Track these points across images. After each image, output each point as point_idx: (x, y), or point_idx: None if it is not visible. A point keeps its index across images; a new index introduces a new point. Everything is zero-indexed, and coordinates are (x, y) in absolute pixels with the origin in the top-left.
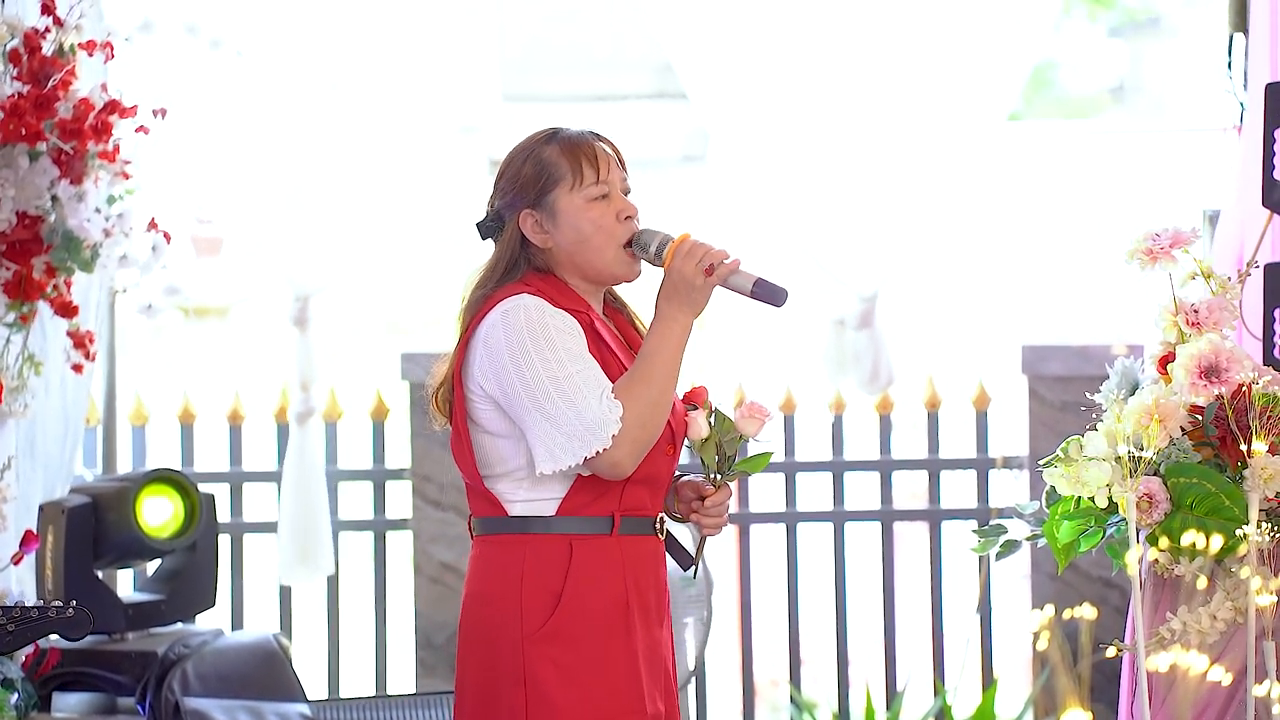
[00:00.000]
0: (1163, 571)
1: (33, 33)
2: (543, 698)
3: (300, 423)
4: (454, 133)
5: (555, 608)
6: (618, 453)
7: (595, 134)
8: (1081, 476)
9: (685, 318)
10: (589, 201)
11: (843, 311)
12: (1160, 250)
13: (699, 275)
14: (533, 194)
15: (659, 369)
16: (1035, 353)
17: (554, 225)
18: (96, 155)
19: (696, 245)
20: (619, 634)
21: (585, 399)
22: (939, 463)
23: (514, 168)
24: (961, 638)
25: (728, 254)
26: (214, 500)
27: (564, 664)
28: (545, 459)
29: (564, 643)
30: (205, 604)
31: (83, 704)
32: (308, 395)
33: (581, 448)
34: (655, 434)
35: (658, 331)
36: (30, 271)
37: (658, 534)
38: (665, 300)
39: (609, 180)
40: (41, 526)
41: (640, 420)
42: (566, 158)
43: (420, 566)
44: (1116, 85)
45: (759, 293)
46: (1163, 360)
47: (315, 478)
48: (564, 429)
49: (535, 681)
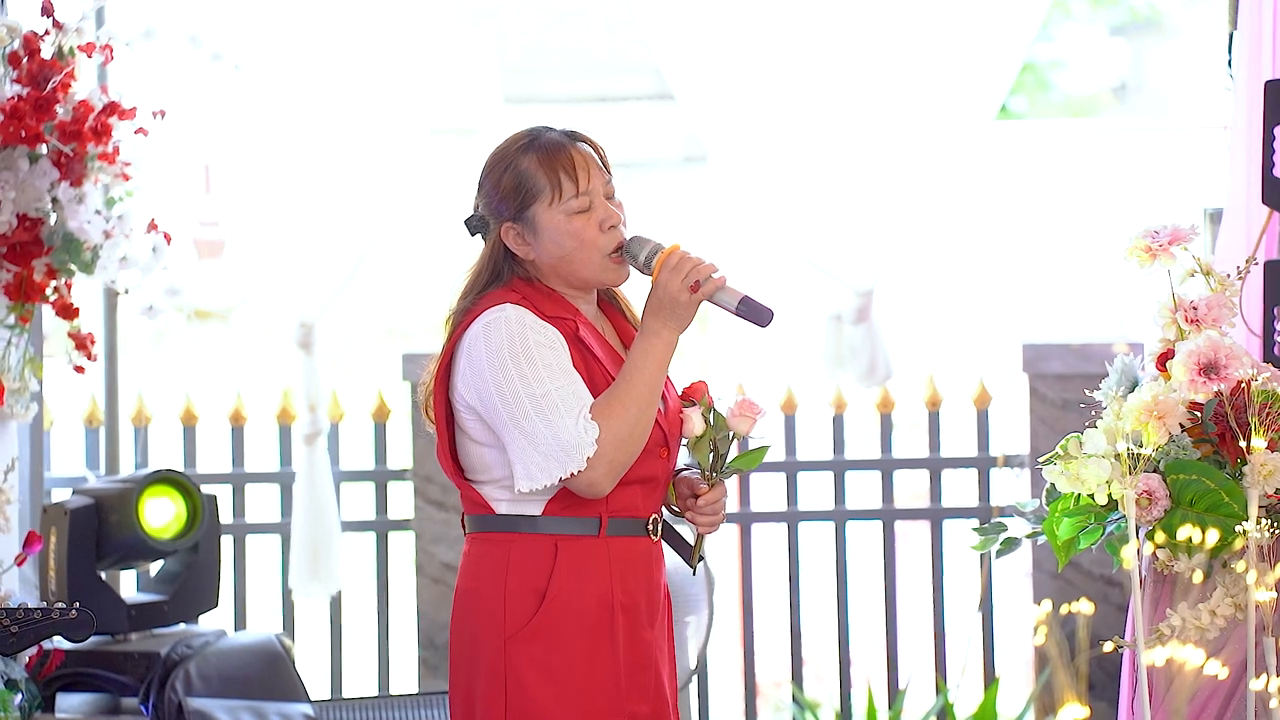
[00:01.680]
0: (1162, 568)
1: (32, 35)
2: (523, 697)
3: (309, 443)
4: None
5: (538, 607)
6: (593, 474)
7: (574, 135)
8: (1081, 474)
9: (669, 333)
10: (570, 215)
11: (839, 307)
12: (1159, 247)
13: (684, 291)
14: (513, 207)
15: (640, 387)
16: (1036, 351)
17: (536, 239)
18: (96, 157)
19: (685, 259)
20: (603, 635)
21: (562, 419)
22: (940, 461)
23: (494, 176)
24: (963, 636)
25: (715, 269)
26: (216, 501)
27: (545, 664)
28: (523, 477)
29: (546, 642)
30: (208, 604)
31: (86, 704)
32: (315, 416)
33: (557, 469)
34: (633, 454)
35: (641, 348)
36: (31, 273)
37: (650, 534)
38: (651, 315)
39: (590, 190)
40: (44, 527)
41: (617, 441)
42: (544, 170)
43: (422, 567)
44: (1118, 84)
45: (744, 311)
46: (1162, 358)
47: (325, 493)
48: (540, 448)
49: (516, 680)
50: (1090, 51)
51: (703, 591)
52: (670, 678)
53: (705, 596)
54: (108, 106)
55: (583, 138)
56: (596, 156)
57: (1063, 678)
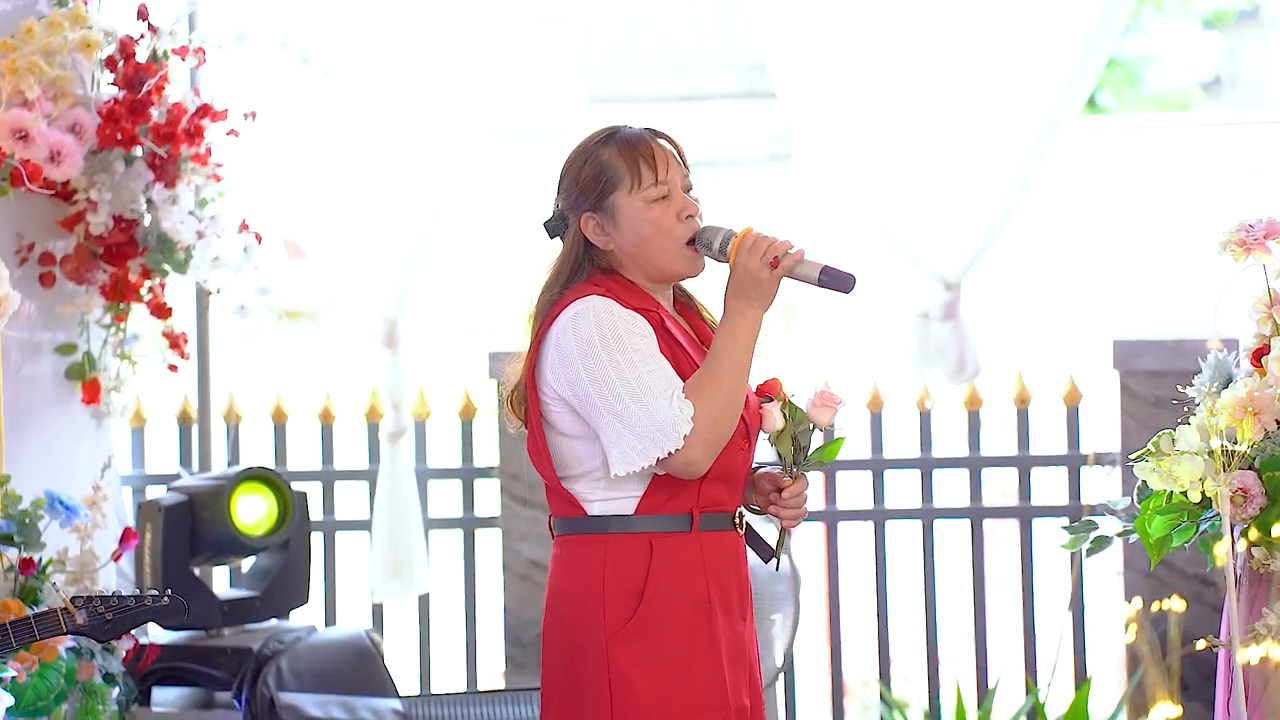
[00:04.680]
0: (1258, 566)
1: (128, 39)
2: (628, 694)
3: (392, 441)
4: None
5: (638, 605)
6: (691, 452)
7: (653, 131)
8: (1174, 471)
9: (754, 313)
10: (648, 203)
11: (927, 304)
12: (1254, 241)
13: (764, 269)
14: (593, 197)
15: (729, 366)
16: (1127, 347)
17: (615, 228)
18: (189, 159)
19: (760, 238)
20: (702, 630)
21: (656, 400)
22: (1029, 459)
23: (574, 170)
24: (1053, 635)
25: (791, 244)
26: (306, 498)
27: (648, 661)
28: (619, 461)
29: (647, 640)
30: (299, 600)
31: (181, 698)
32: (399, 414)
33: (654, 449)
34: (728, 431)
35: (727, 328)
36: (126, 274)
37: (737, 528)
38: (733, 296)
39: (668, 180)
40: (140, 524)
41: (712, 418)
42: (624, 160)
43: (509, 564)
44: (1211, 78)
45: (826, 280)
46: (1256, 353)
47: (408, 490)
48: (636, 430)
49: (621, 678)
50: (1182, 46)
51: (789, 590)
52: (758, 672)
53: (791, 595)
54: (200, 109)
55: (661, 134)
56: (675, 152)
57: (1155, 677)
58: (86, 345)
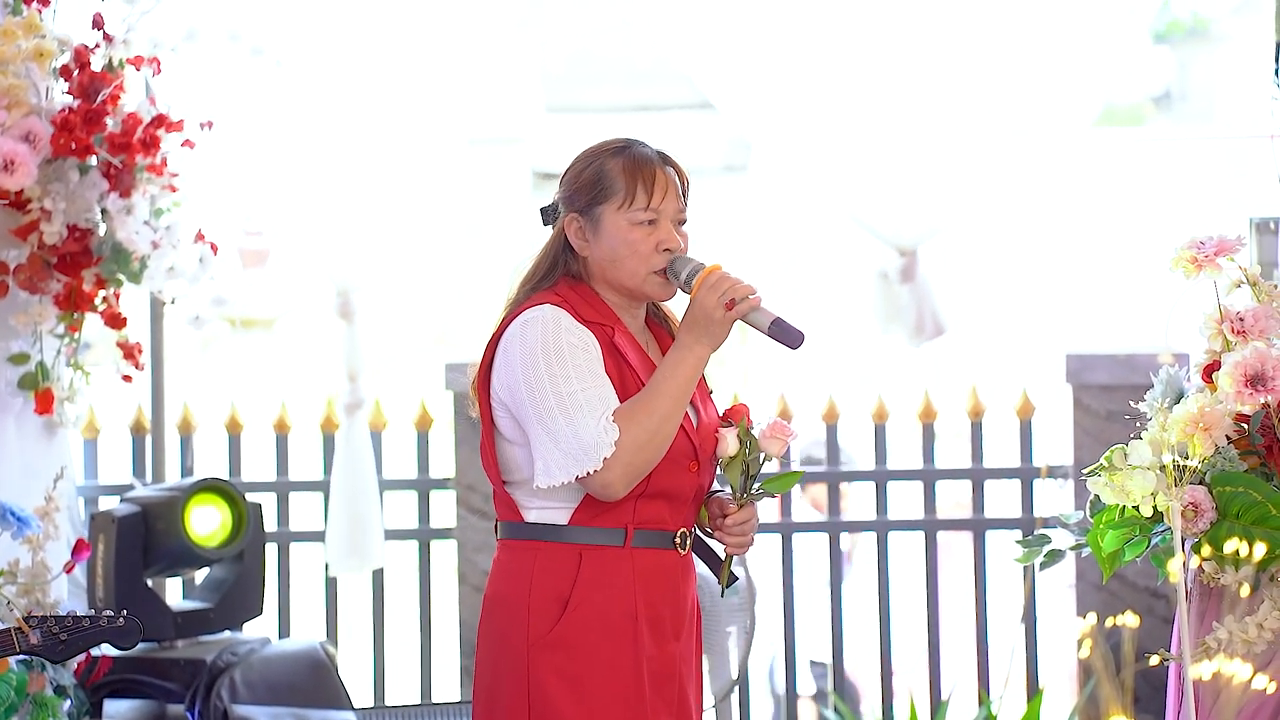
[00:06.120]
0: (1209, 580)
1: (83, 48)
2: (545, 703)
3: (349, 413)
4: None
5: (561, 614)
6: (609, 474)
7: (666, 158)
8: (1126, 485)
9: (702, 349)
10: (632, 224)
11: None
12: (1205, 258)
13: (719, 308)
14: (584, 201)
15: (664, 395)
16: (1079, 361)
17: (595, 237)
18: (145, 168)
19: (724, 278)
20: (625, 645)
21: (585, 418)
22: (983, 472)
23: (578, 168)
24: (1006, 648)
25: (753, 290)
26: (261, 509)
27: (568, 671)
28: (541, 473)
29: (568, 651)
30: (253, 612)
31: (133, 711)
32: (355, 386)
33: (574, 466)
34: (654, 459)
35: (671, 359)
36: (80, 284)
37: (678, 548)
38: (685, 330)
39: (660, 209)
40: (93, 535)
41: (637, 445)
42: (625, 176)
43: (464, 575)
44: (1162, 93)
45: (775, 332)
46: (1208, 369)
47: (365, 473)
48: (561, 446)
49: (539, 687)
50: (1133, 61)
51: (745, 602)
52: (696, 692)
53: (747, 607)
54: (156, 119)
55: (673, 163)
56: (679, 185)
57: (1108, 691)
58: (40, 355)
